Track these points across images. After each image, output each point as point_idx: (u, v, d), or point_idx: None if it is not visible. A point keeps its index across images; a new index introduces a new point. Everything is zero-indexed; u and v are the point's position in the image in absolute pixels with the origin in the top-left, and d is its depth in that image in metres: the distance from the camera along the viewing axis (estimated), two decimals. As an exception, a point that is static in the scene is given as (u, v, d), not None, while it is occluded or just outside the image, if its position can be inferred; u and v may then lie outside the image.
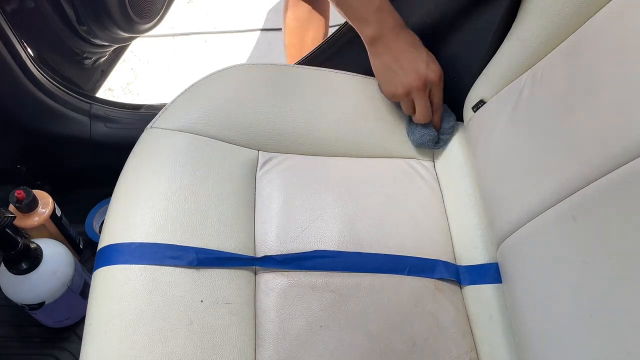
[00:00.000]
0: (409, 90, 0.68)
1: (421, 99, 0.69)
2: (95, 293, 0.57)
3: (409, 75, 0.67)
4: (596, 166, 0.51)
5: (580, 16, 0.59)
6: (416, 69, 0.67)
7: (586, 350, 0.47)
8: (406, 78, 0.68)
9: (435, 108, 0.72)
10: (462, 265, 0.67)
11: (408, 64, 0.68)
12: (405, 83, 0.68)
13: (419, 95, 0.69)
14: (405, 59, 0.68)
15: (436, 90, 0.70)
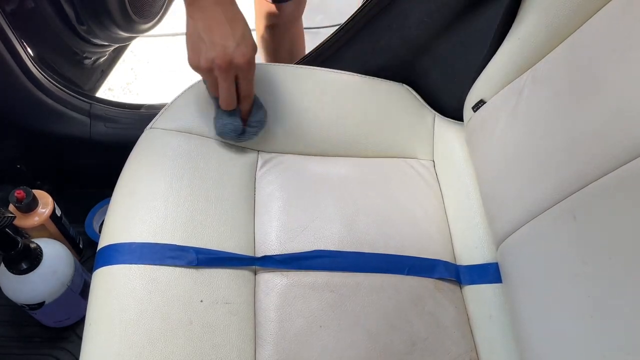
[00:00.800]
0: (210, 66, 0.62)
1: (224, 80, 0.63)
2: (95, 293, 0.57)
3: (215, 50, 0.61)
4: (596, 166, 0.51)
5: (580, 16, 0.59)
6: (224, 45, 0.61)
7: (586, 350, 0.47)
8: (211, 52, 0.61)
9: (243, 96, 0.66)
10: (462, 265, 0.67)
11: (218, 38, 0.61)
12: (208, 57, 0.61)
13: (221, 76, 0.62)
14: (217, 32, 0.61)
15: (243, 76, 0.64)
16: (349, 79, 0.77)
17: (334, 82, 0.76)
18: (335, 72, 0.77)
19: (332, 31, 0.84)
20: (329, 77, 0.77)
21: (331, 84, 0.76)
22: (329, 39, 0.85)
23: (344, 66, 0.79)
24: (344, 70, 0.78)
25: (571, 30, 0.60)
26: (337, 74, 0.77)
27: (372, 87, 0.77)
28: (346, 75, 0.77)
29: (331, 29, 1.59)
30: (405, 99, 0.79)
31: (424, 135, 0.78)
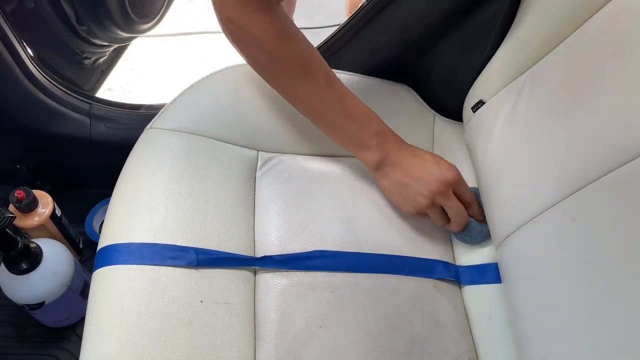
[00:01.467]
0: (432, 198, 0.62)
1: (449, 201, 0.63)
2: (95, 293, 0.57)
3: (426, 184, 0.62)
4: (595, 166, 0.51)
5: (579, 16, 0.59)
6: (430, 173, 0.62)
7: (585, 350, 0.47)
8: (425, 187, 0.62)
9: (469, 202, 0.66)
10: (462, 266, 0.67)
11: (421, 173, 0.63)
12: (425, 193, 0.62)
13: (445, 199, 0.63)
14: (415, 170, 0.63)
15: (461, 187, 0.64)
16: (349, 79, 0.77)
17: (334, 82, 0.76)
18: (336, 72, 0.77)
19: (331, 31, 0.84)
20: (329, 77, 0.77)
21: (331, 84, 0.76)
22: (329, 39, 0.85)
23: (343, 66, 0.79)
24: (344, 70, 0.78)
25: (570, 30, 0.60)
26: (337, 73, 0.77)
27: (371, 87, 0.77)
28: (346, 75, 0.77)
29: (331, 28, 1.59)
30: (405, 99, 0.79)
31: (423, 135, 0.78)
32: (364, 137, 0.63)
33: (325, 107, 0.63)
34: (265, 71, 0.64)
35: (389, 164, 0.64)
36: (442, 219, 0.65)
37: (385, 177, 0.65)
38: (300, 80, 0.62)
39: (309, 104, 0.64)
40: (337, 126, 0.64)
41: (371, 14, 0.75)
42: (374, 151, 0.63)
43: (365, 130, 0.63)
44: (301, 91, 0.63)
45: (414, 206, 0.64)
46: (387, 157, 0.63)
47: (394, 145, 0.64)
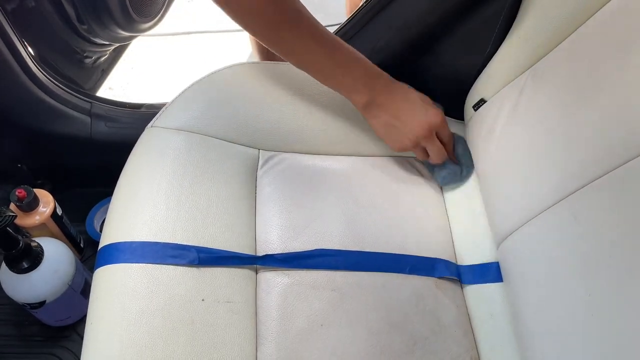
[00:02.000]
0: (416, 141, 0.67)
1: (431, 144, 0.68)
2: (97, 292, 0.57)
3: (412, 127, 0.67)
4: (597, 165, 0.51)
5: (581, 15, 0.59)
6: (417, 119, 0.67)
7: (587, 348, 0.47)
8: (411, 130, 0.67)
9: (446, 143, 0.71)
10: (463, 265, 0.67)
11: (408, 117, 0.67)
12: (410, 136, 0.67)
13: (428, 142, 0.68)
14: (403, 113, 0.67)
15: (443, 131, 0.69)
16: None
17: (335, 81, 0.76)
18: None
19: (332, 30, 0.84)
20: (330, 76, 0.77)
21: (332, 83, 0.76)
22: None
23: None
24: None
25: (572, 29, 0.60)
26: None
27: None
28: (347, 74, 0.77)
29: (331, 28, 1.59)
30: (406, 97, 0.79)
31: (424, 134, 0.78)
32: (350, 82, 0.65)
33: (312, 54, 0.64)
34: (256, 17, 0.61)
35: (378, 106, 0.67)
36: (423, 155, 0.70)
37: (374, 118, 0.68)
38: (289, 27, 0.62)
39: (296, 52, 0.64)
40: (326, 72, 0.66)
41: (372, 13, 0.75)
42: (362, 94, 0.66)
43: (352, 74, 0.65)
44: (289, 39, 0.63)
45: (399, 145, 0.69)
46: (375, 100, 0.66)
47: (384, 87, 0.67)
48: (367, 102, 0.66)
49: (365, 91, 0.66)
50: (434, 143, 0.68)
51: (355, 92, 0.66)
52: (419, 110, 0.67)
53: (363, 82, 0.66)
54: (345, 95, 0.67)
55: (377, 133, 0.70)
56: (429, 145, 0.68)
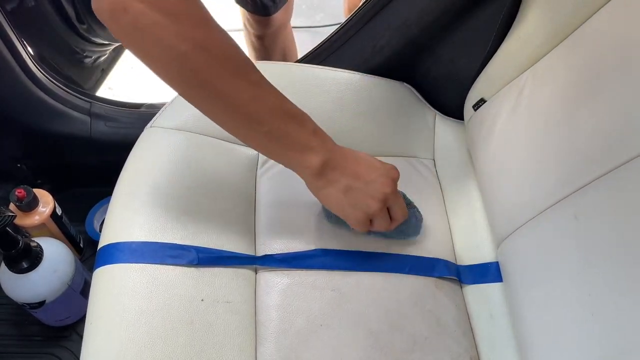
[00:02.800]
0: (384, 200, 0.56)
1: (397, 199, 0.58)
2: (96, 292, 0.57)
3: (379, 186, 0.56)
4: (597, 164, 0.51)
5: (581, 15, 0.59)
6: (380, 174, 0.56)
7: (587, 348, 0.47)
8: (378, 190, 0.55)
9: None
10: (463, 265, 0.67)
11: (371, 175, 0.56)
12: (378, 196, 0.56)
13: (396, 198, 0.58)
14: (364, 172, 0.56)
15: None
16: (350, 78, 0.77)
17: (334, 80, 0.76)
18: (336, 70, 0.77)
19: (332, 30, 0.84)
20: (329, 75, 0.77)
21: (331, 83, 0.76)
22: (329, 37, 0.85)
23: (344, 65, 0.79)
24: (344, 68, 0.78)
25: (572, 29, 0.60)
26: (337, 72, 0.77)
27: (372, 86, 0.77)
28: (346, 74, 0.77)
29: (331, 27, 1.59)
30: (406, 97, 0.79)
31: (424, 133, 0.78)
32: (305, 137, 0.54)
33: (261, 105, 0.51)
34: (182, 65, 0.48)
35: (334, 168, 0.55)
36: (387, 221, 0.59)
37: (330, 185, 0.55)
38: (230, 74, 0.49)
39: (240, 105, 0.51)
40: (275, 128, 0.52)
41: (372, 13, 0.75)
42: (317, 152, 0.54)
43: (306, 129, 0.54)
44: (231, 88, 0.50)
45: (365, 212, 0.56)
46: (331, 159, 0.55)
47: (334, 145, 0.56)
48: (324, 163, 0.54)
49: (321, 150, 0.54)
50: (398, 198, 0.59)
51: (310, 151, 0.54)
52: (376, 167, 0.57)
53: (318, 139, 0.54)
54: (296, 158, 0.54)
55: (335, 205, 0.57)
56: (395, 203, 0.58)
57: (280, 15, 1.09)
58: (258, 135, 0.53)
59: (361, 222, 0.57)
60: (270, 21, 1.08)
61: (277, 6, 1.05)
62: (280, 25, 1.12)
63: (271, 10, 1.05)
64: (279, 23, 1.11)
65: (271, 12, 1.05)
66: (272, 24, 1.09)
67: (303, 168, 0.55)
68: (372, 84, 0.77)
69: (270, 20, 1.08)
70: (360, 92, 0.76)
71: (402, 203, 0.60)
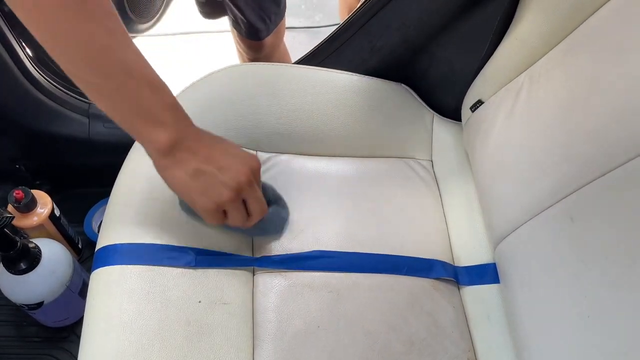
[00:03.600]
0: (238, 189, 0.52)
1: (253, 192, 0.54)
2: (94, 293, 0.57)
3: (234, 173, 0.52)
4: (594, 166, 0.51)
5: (578, 16, 0.59)
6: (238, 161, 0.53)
7: (583, 350, 0.47)
8: (232, 178, 0.51)
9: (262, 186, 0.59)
10: (460, 266, 0.67)
11: (226, 161, 0.52)
12: (232, 184, 0.51)
13: (252, 190, 0.54)
14: (219, 157, 0.52)
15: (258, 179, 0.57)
16: (348, 79, 0.77)
17: (332, 81, 0.76)
18: (334, 71, 0.77)
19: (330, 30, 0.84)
20: (328, 76, 0.77)
21: (329, 84, 0.76)
22: (328, 38, 0.85)
23: (342, 66, 0.79)
24: (343, 69, 0.78)
25: (569, 30, 0.60)
26: (335, 73, 0.77)
27: (370, 87, 0.77)
28: (344, 75, 0.77)
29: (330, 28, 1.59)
30: (404, 98, 0.79)
31: (422, 135, 0.78)
32: (158, 108, 0.49)
33: (114, 58, 0.46)
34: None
35: (186, 149, 0.50)
36: (242, 215, 0.55)
37: (177, 165, 0.51)
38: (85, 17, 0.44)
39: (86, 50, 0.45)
40: (125, 88, 0.47)
41: (370, 14, 0.75)
42: (167, 128, 0.49)
43: (161, 100, 0.49)
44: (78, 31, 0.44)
45: (215, 200, 0.52)
46: (183, 139, 0.50)
47: (192, 127, 0.52)
48: (174, 141, 0.49)
49: (173, 127, 0.49)
50: (255, 191, 0.55)
51: (160, 124, 0.49)
52: (235, 153, 0.54)
53: (173, 115, 0.49)
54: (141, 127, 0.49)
55: (180, 187, 0.52)
56: (251, 195, 0.54)
57: (272, 39, 1.09)
58: (105, 91, 0.47)
59: (210, 212, 0.53)
60: (262, 45, 1.09)
61: (269, 29, 1.05)
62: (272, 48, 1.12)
63: (263, 34, 1.05)
64: (271, 46, 1.11)
65: (263, 36, 1.06)
66: (263, 49, 1.10)
67: (149, 142, 0.50)
68: (370, 85, 0.77)
69: (262, 45, 1.08)
70: (359, 93, 0.76)
71: (260, 197, 0.56)
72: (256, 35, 1.05)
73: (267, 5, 1.01)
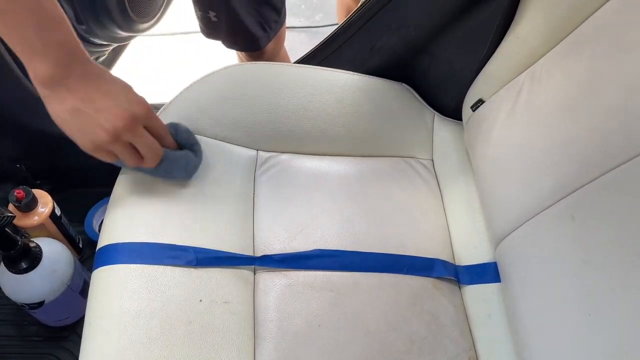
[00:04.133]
0: (115, 133, 0.53)
1: (139, 137, 0.55)
2: (95, 292, 0.57)
3: (109, 116, 0.52)
4: (595, 165, 0.51)
5: (578, 15, 0.59)
6: (116, 105, 0.53)
7: (584, 348, 0.47)
8: (108, 121, 0.52)
9: (163, 135, 0.60)
10: (461, 265, 0.67)
11: (103, 103, 0.52)
12: (108, 126, 0.52)
13: (133, 135, 0.55)
14: (98, 98, 0.52)
15: (153, 122, 0.57)
16: (348, 78, 0.77)
17: (333, 81, 0.76)
18: (334, 71, 0.77)
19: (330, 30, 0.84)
20: (328, 76, 0.77)
21: (330, 83, 0.76)
22: (328, 38, 0.85)
23: (342, 65, 0.79)
24: (343, 69, 0.78)
25: (570, 29, 0.60)
26: (336, 73, 0.77)
27: (371, 86, 0.77)
28: (345, 75, 0.77)
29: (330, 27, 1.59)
30: (405, 98, 0.79)
31: (423, 134, 0.78)
32: (42, 40, 0.49)
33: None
34: None
35: (66, 87, 0.51)
36: (133, 156, 0.56)
37: (56, 100, 0.52)
38: None
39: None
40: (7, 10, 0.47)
41: (370, 13, 0.75)
42: (47, 62, 0.49)
43: (48, 32, 0.49)
44: None
45: (91, 140, 0.53)
46: (65, 78, 0.51)
47: (80, 66, 0.52)
48: (53, 77, 0.50)
49: (54, 62, 0.50)
50: (141, 136, 0.55)
51: (41, 57, 0.49)
52: (118, 96, 0.54)
53: (59, 51, 0.50)
54: (24, 57, 0.50)
55: (60, 121, 0.54)
56: (136, 140, 0.55)
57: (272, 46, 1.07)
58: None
59: (91, 150, 0.55)
60: (263, 54, 1.07)
61: (269, 36, 1.02)
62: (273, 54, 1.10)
63: (262, 42, 1.02)
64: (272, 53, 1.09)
65: (262, 45, 1.02)
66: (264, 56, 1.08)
67: (30, 69, 0.51)
68: (370, 85, 0.77)
69: (262, 54, 1.07)
70: (359, 93, 0.76)
71: (149, 142, 0.56)
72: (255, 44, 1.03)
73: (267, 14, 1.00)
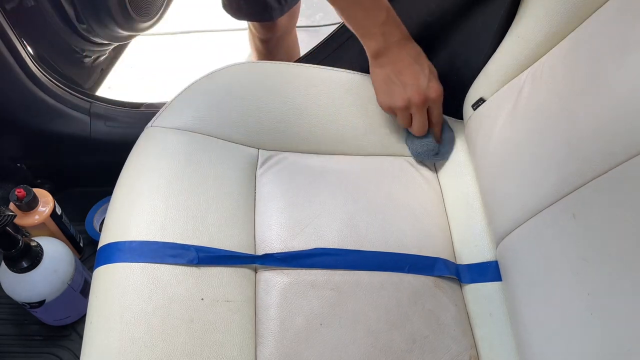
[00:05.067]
0: (407, 104, 0.68)
1: (420, 114, 0.69)
2: (96, 291, 0.57)
3: (409, 90, 0.68)
4: (596, 164, 0.51)
5: (580, 14, 0.59)
6: (417, 84, 0.68)
7: (586, 347, 0.47)
8: (406, 92, 0.68)
9: (435, 122, 0.72)
10: (462, 264, 0.67)
11: (410, 78, 0.68)
12: (404, 97, 0.68)
13: (417, 111, 0.69)
14: (407, 73, 0.68)
15: (435, 108, 0.71)
16: (349, 77, 0.77)
17: (334, 80, 0.76)
18: (335, 70, 0.77)
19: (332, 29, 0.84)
20: (329, 75, 0.77)
21: (331, 82, 0.76)
22: (329, 37, 0.86)
23: (344, 64, 0.79)
24: (344, 68, 0.78)
25: (571, 28, 0.60)
26: (336, 72, 0.77)
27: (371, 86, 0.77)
28: (346, 74, 0.77)
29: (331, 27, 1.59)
30: (406, 97, 0.79)
31: (424, 133, 0.78)
32: (370, 25, 0.67)
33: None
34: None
35: (387, 57, 0.68)
36: (407, 121, 0.71)
37: (379, 67, 0.70)
38: None
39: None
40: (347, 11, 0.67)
41: (371, 12, 0.75)
42: (376, 40, 0.67)
43: (372, 19, 0.66)
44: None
45: (388, 103, 0.70)
46: (386, 51, 0.68)
47: (399, 40, 0.68)
48: (378, 50, 0.68)
49: (379, 40, 0.67)
50: (422, 114, 0.69)
51: (369, 37, 0.68)
52: (422, 77, 0.68)
53: (381, 30, 0.67)
54: (360, 38, 0.69)
55: (374, 81, 0.72)
56: (417, 115, 0.69)
57: (285, 21, 1.08)
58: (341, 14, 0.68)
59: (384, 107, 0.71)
60: (275, 26, 1.07)
61: (282, 9, 1.03)
62: (285, 30, 1.11)
63: (276, 13, 1.03)
64: (284, 28, 1.10)
65: (275, 16, 1.03)
66: (277, 29, 1.08)
67: (366, 47, 0.70)
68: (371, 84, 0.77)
69: (275, 25, 1.07)
70: (360, 92, 0.76)
71: (423, 120, 0.70)
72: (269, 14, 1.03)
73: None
